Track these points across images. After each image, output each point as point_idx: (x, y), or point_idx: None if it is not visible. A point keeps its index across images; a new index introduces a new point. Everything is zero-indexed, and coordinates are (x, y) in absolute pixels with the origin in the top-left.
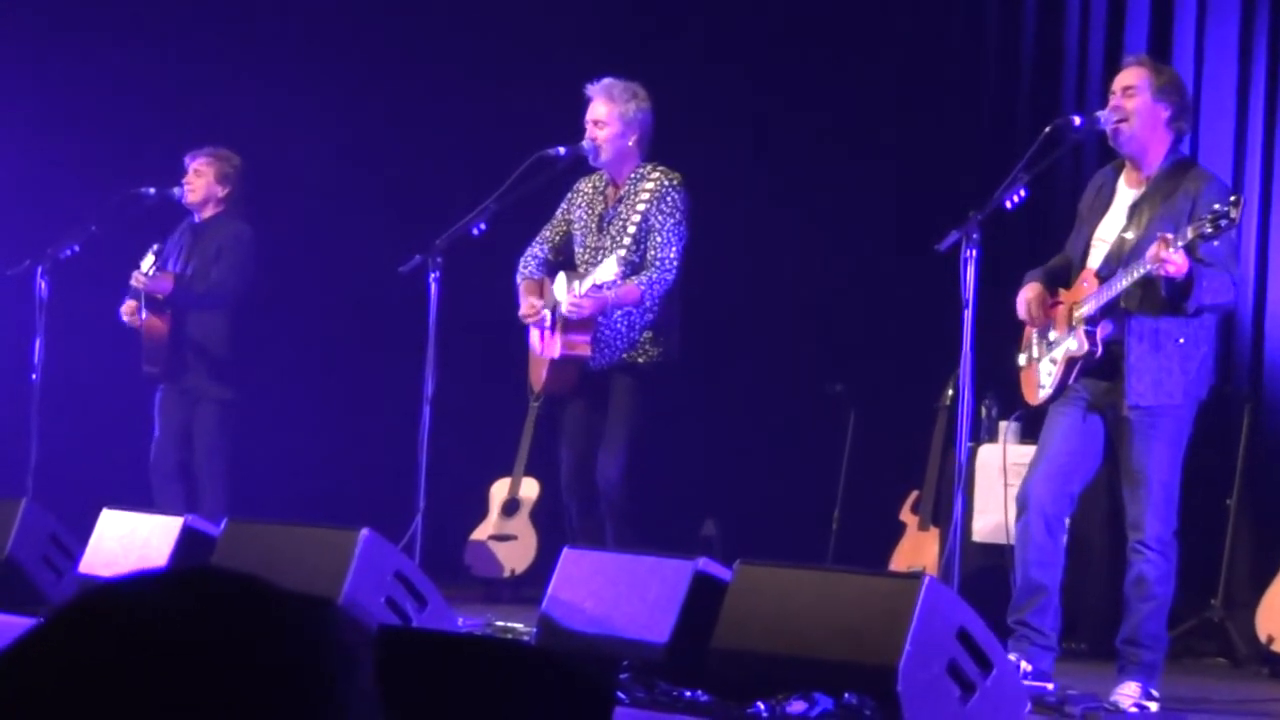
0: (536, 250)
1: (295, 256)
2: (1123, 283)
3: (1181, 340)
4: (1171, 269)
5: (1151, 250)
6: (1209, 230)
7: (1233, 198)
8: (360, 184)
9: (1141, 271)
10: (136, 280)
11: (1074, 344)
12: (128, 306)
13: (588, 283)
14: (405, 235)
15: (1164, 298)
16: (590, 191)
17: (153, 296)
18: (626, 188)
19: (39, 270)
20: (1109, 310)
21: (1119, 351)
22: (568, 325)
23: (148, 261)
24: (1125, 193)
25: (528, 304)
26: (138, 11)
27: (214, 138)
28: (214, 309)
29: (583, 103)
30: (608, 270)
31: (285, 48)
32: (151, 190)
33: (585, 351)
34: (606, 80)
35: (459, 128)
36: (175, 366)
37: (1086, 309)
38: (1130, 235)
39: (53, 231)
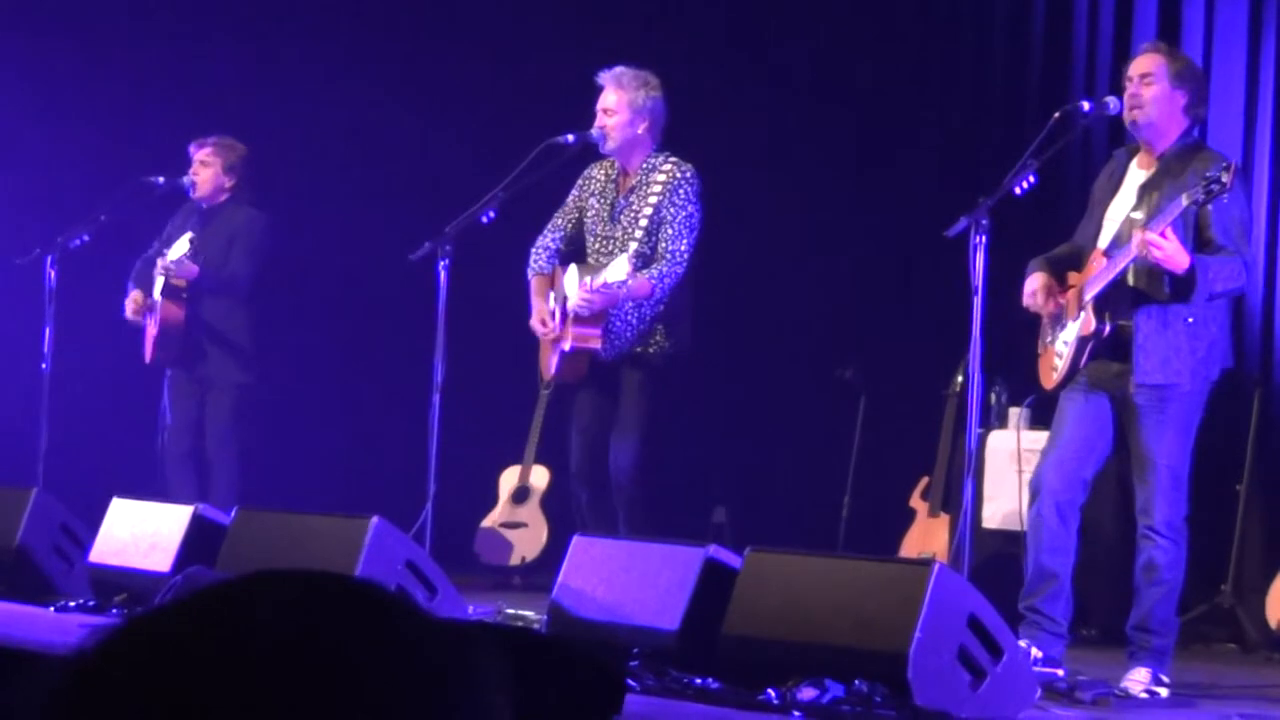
0: (548, 241)
1: (305, 244)
2: (1120, 264)
3: (1190, 319)
4: (1159, 253)
5: (1135, 239)
6: (1202, 197)
7: (1225, 164)
8: (370, 171)
9: (1130, 258)
10: (164, 268)
11: (1083, 323)
12: (133, 300)
13: (599, 280)
14: (415, 223)
15: (1168, 293)
16: (602, 179)
17: (173, 284)
18: (638, 177)
19: (48, 260)
20: (1117, 289)
21: (1128, 333)
22: (578, 318)
23: (183, 248)
24: (1136, 174)
25: (538, 315)
26: (147, 1)
27: (224, 126)
28: (232, 296)
29: (591, 90)
30: (619, 270)
31: (295, 36)
32: (161, 179)
33: (596, 344)
34: (618, 68)
35: (469, 115)
36: (188, 353)
37: (1094, 289)
38: (1139, 215)
39: (62, 221)
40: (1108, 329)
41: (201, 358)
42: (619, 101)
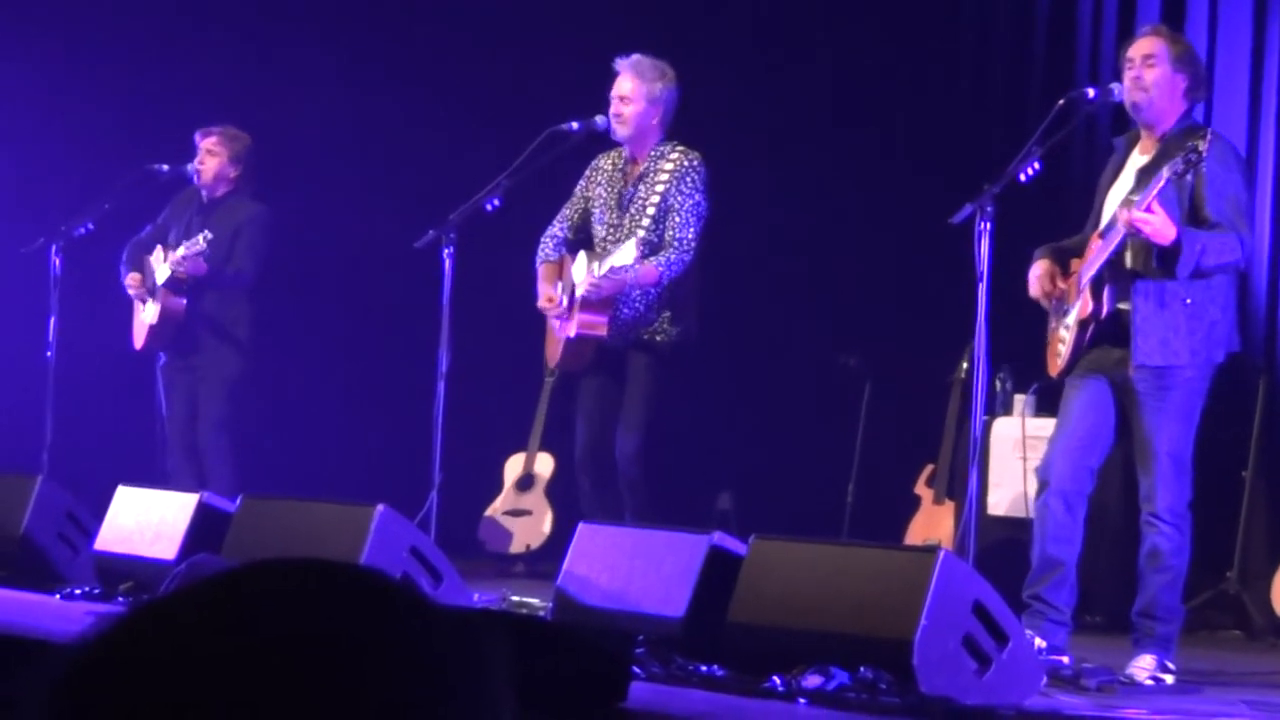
0: (556, 230)
1: (309, 233)
2: (1112, 243)
3: (1189, 300)
4: (1148, 229)
5: (1121, 216)
6: (1181, 167)
7: (1201, 132)
8: (374, 159)
9: (1120, 236)
10: (174, 261)
11: (1080, 306)
12: (133, 280)
13: (606, 265)
14: (419, 210)
15: (1155, 266)
16: (610, 169)
17: (179, 277)
18: (646, 165)
19: (53, 248)
20: (1115, 270)
21: (1128, 317)
22: (585, 305)
23: (198, 246)
24: (1137, 159)
25: (545, 296)
26: None
27: (228, 113)
28: (237, 290)
29: (598, 77)
30: (626, 254)
31: (298, 24)
32: (165, 168)
33: (602, 332)
34: (635, 56)
35: (473, 103)
36: (182, 341)
37: (1090, 271)
38: (1136, 198)
39: (67, 209)
40: (1105, 310)
41: (196, 347)
42: (636, 91)
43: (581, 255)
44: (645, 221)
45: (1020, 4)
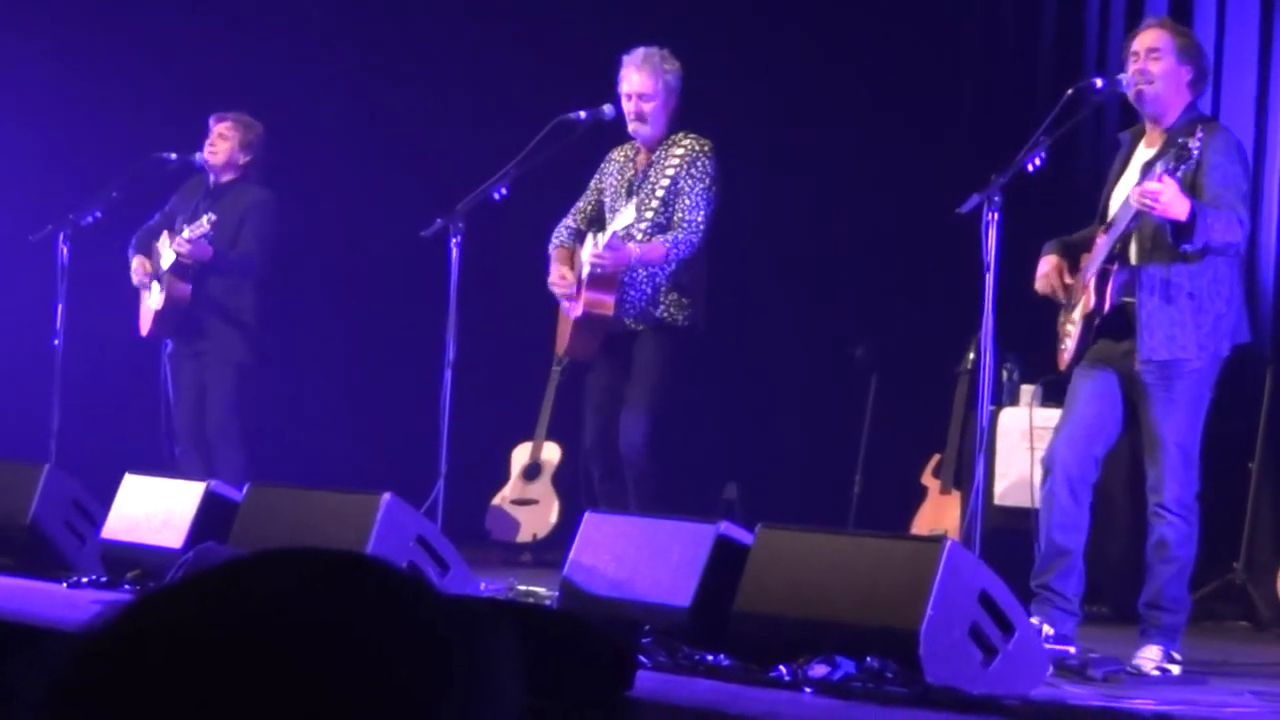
0: (569, 221)
1: (317, 221)
2: (1119, 229)
3: (1191, 294)
4: (1158, 205)
5: (1133, 196)
6: (1173, 163)
7: (1195, 128)
8: (381, 149)
9: (1130, 214)
10: (179, 245)
11: (1084, 301)
12: (140, 265)
13: (608, 233)
14: (427, 199)
15: (1170, 244)
16: (621, 160)
17: (183, 261)
18: (658, 153)
19: (61, 236)
20: (1118, 264)
21: (1133, 310)
22: (592, 282)
23: (202, 228)
24: (1143, 153)
25: (557, 273)
26: None
27: (235, 102)
28: (244, 276)
29: (605, 66)
30: (627, 216)
31: (307, 12)
32: (173, 156)
33: (608, 312)
34: (641, 51)
35: (481, 92)
36: (188, 327)
37: (1094, 267)
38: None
39: (75, 197)
40: (1107, 305)
41: (202, 333)
42: (654, 86)
43: (589, 237)
44: (654, 204)
45: None
